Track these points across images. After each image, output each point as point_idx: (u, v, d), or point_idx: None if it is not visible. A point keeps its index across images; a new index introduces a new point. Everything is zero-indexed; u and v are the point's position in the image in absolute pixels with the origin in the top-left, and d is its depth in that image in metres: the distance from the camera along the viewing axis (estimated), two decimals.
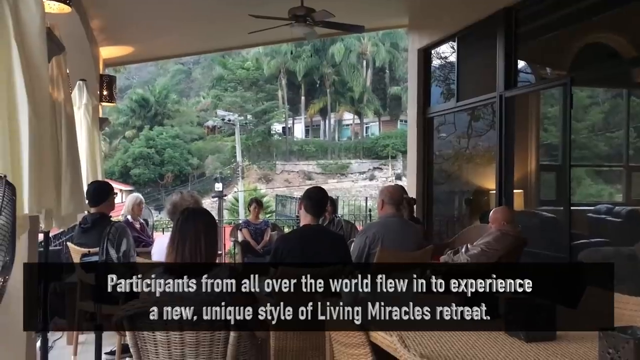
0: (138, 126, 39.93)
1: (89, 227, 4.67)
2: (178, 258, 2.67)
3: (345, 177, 37.39)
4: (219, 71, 42.12)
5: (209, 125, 42.08)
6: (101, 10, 6.01)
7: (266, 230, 7.59)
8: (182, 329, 2.55)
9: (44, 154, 2.51)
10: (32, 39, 2.43)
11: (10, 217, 1.43)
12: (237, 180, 34.12)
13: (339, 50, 38.06)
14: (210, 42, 9.25)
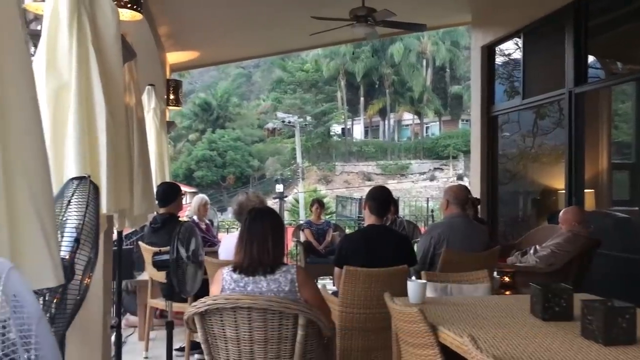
0: (201, 129, 40.91)
1: (159, 226, 4.82)
2: (247, 257, 2.72)
3: (405, 177, 37.03)
4: (278, 74, 42.63)
5: (269, 128, 42.63)
6: (168, 17, 6.20)
7: (328, 230, 7.61)
8: (251, 326, 2.60)
9: (119, 157, 2.61)
10: (108, 46, 2.53)
11: (94, 216, 1.49)
12: (297, 181, 34.40)
13: (398, 50, 37.78)
14: (272, 45, 9.37)
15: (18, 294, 0.69)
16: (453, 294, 3.21)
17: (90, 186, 1.52)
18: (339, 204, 27.19)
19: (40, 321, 0.70)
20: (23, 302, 0.69)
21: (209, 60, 10.39)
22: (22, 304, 0.68)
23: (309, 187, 34.41)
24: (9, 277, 0.69)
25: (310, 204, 8.20)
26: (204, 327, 2.69)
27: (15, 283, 0.71)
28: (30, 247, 1.12)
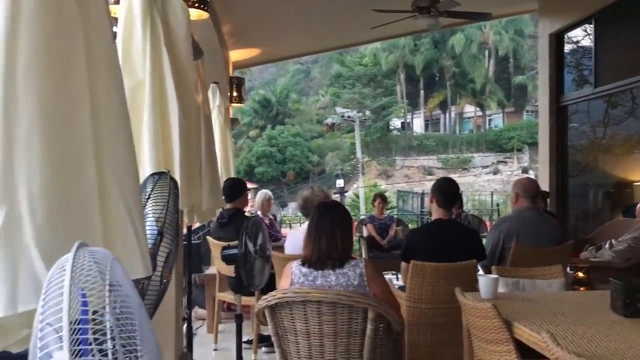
0: (261, 126, 41.44)
1: (226, 221, 4.91)
2: (315, 251, 2.74)
3: (467, 171, 36.30)
4: (337, 69, 42.61)
5: (328, 123, 42.71)
6: (231, 15, 6.30)
7: (391, 225, 7.55)
8: (321, 319, 2.61)
9: (191, 153, 2.68)
10: (179, 45, 2.60)
11: (174, 209, 1.53)
12: (357, 176, 34.34)
13: (459, 41, 37.02)
14: (332, 39, 9.37)
15: (121, 284, 0.72)
16: (526, 289, 3.12)
17: (170, 181, 1.56)
18: (400, 198, 26.98)
19: (141, 310, 0.73)
20: (126, 291, 0.71)
21: (269, 57, 10.51)
22: (127, 293, 0.71)
23: (369, 181, 34.29)
24: (113, 267, 0.72)
25: (373, 199, 8.16)
26: (274, 320, 2.72)
27: (118, 273, 0.73)
28: (121, 239, 1.17)
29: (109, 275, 0.70)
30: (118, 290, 0.70)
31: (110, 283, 0.69)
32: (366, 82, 39.31)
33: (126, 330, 0.68)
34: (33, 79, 1.05)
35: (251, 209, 7.03)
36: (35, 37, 1.06)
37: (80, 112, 1.12)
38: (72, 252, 0.73)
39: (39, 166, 1.04)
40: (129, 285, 0.74)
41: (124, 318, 0.68)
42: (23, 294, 0.99)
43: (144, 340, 0.70)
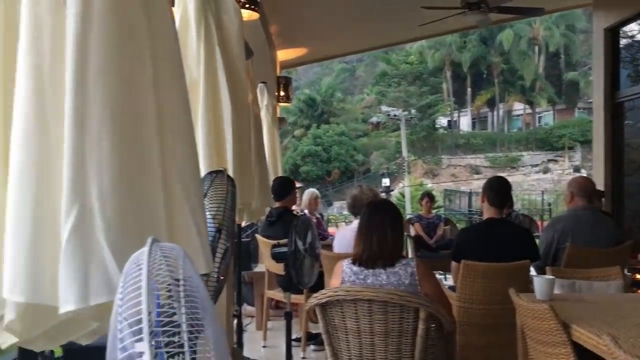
0: (306, 125, 41.58)
1: (274, 220, 4.95)
2: (366, 250, 2.73)
3: (516, 170, 35.52)
4: (382, 67, 42.36)
5: (374, 122, 42.53)
6: (279, 15, 6.36)
7: (439, 224, 7.46)
8: (372, 318, 2.61)
9: (243, 152, 2.72)
10: (232, 45, 2.64)
11: (232, 207, 1.55)
12: (403, 175, 34.08)
13: (507, 37, 36.25)
14: (378, 38, 9.33)
15: (192, 278, 0.74)
16: (582, 290, 3.04)
17: (228, 180, 1.58)
18: (447, 197, 26.64)
19: (210, 304, 0.74)
20: (196, 285, 0.73)
21: (315, 57, 10.55)
22: (197, 288, 0.72)
23: (414, 180, 33.98)
24: (185, 262, 0.73)
25: (420, 198, 8.08)
26: (324, 318, 2.73)
27: (188, 268, 0.75)
28: (184, 235, 1.19)
29: (182, 270, 0.72)
30: (189, 285, 0.71)
31: (183, 277, 0.71)
32: (412, 80, 38.93)
33: (196, 324, 0.69)
34: (103, 81, 1.09)
35: (297, 208, 7.06)
36: (104, 40, 1.09)
37: (146, 112, 1.15)
38: (147, 247, 0.75)
39: (108, 165, 1.07)
40: (199, 280, 0.76)
41: (195, 312, 0.70)
42: (94, 288, 1.02)
43: (213, 334, 0.71)
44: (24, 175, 1.05)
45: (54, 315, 1.04)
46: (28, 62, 1.07)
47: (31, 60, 1.07)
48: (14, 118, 1.07)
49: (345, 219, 20.68)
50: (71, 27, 1.06)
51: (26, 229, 1.04)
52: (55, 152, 1.07)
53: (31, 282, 1.02)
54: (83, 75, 1.06)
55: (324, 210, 8.47)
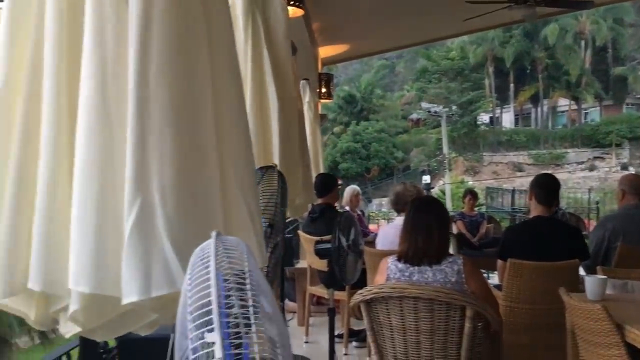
0: (345, 122, 41.53)
1: (317, 216, 4.96)
2: (411, 247, 2.71)
3: (560, 167, 34.68)
4: (422, 63, 41.96)
5: (413, 118, 42.18)
6: (322, 12, 6.36)
7: (482, 222, 7.33)
8: (417, 316, 2.59)
9: (289, 148, 2.73)
10: (279, 42, 2.66)
11: (282, 203, 1.56)
12: (444, 172, 33.69)
13: (552, 32, 35.40)
14: (421, 34, 9.24)
15: (254, 271, 0.74)
16: (635, 291, 2.95)
17: (279, 175, 1.60)
18: (488, 195, 26.22)
19: (274, 299, 0.75)
20: (258, 280, 0.74)
21: (357, 53, 10.51)
22: (259, 281, 0.73)
23: (455, 178, 33.56)
24: (248, 255, 0.74)
25: (463, 195, 7.96)
26: (369, 314, 2.72)
27: (251, 261, 0.76)
28: (240, 229, 1.21)
29: (247, 263, 0.73)
30: (254, 278, 0.72)
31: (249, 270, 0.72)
32: (453, 76, 38.44)
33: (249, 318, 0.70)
34: (163, 78, 1.11)
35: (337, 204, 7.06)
36: (165, 39, 1.12)
37: (204, 108, 1.18)
38: (212, 239, 0.76)
39: (169, 160, 1.10)
40: (260, 274, 0.77)
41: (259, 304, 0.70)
42: (155, 280, 1.05)
43: (279, 328, 0.72)
44: (88, 171, 1.08)
45: (115, 306, 1.07)
46: (92, 61, 1.10)
47: (95, 60, 1.10)
48: (79, 116, 1.10)
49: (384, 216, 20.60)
50: (133, 26, 1.09)
51: (91, 222, 1.07)
52: (118, 148, 1.10)
53: (95, 274, 1.05)
54: (145, 73, 1.09)
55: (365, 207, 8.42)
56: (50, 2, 1.12)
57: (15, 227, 1.11)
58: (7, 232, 1.10)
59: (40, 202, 1.10)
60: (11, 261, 1.10)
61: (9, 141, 1.13)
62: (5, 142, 1.14)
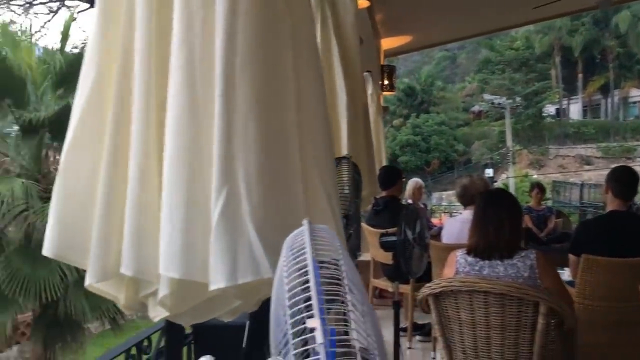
0: (405, 115, 41.13)
1: (381, 209, 4.94)
2: (482, 240, 2.66)
3: (632, 161, 33.06)
4: (485, 54, 41.01)
5: (475, 111, 41.32)
6: (385, 3, 6.30)
7: (550, 217, 7.12)
8: (488, 311, 2.54)
9: (356, 140, 2.73)
10: (347, 33, 2.66)
11: (355, 194, 1.56)
12: (507, 166, 32.85)
13: (624, 19, 33.79)
14: (486, 24, 8.99)
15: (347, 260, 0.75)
16: None
17: (353, 167, 1.60)
18: (554, 189, 25.39)
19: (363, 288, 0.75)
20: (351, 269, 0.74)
21: (419, 45, 10.35)
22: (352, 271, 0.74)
23: (519, 171, 32.65)
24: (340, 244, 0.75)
25: (530, 189, 7.75)
26: (437, 308, 2.69)
27: (341, 249, 0.76)
28: (322, 219, 1.22)
29: (341, 250, 0.73)
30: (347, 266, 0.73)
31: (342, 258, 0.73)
32: (517, 66, 37.34)
33: (354, 303, 0.70)
34: (249, 72, 1.14)
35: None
36: (251, 34, 1.15)
37: (287, 100, 1.19)
38: (306, 227, 0.77)
39: (254, 150, 1.12)
40: (351, 263, 0.77)
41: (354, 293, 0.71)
42: (241, 268, 1.07)
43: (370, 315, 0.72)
44: (177, 162, 1.12)
45: (202, 292, 1.11)
46: (180, 55, 1.13)
47: (183, 54, 1.13)
48: (168, 109, 1.14)
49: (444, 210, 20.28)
50: (220, 21, 1.11)
51: (180, 211, 1.11)
52: (205, 140, 1.13)
53: (185, 261, 1.09)
54: (231, 67, 1.11)
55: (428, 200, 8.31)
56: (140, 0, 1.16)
57: (108, 215, 1.16)
58: (100, 221, 1.16)
59: (131, 192, 1.14)
60: (105, 248, 1.15)
61: (102, 134, 1.19)
62: (98, 135, 1.20)
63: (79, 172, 1.20)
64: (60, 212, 1.18)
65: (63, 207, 1.18)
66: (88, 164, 1.20)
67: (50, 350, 8.36)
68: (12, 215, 8.27)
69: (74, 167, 1.20)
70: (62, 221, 1.18)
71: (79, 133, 1.20)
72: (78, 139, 1.20)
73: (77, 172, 1.20)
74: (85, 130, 1.20)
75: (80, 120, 1.20)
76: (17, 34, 9.52)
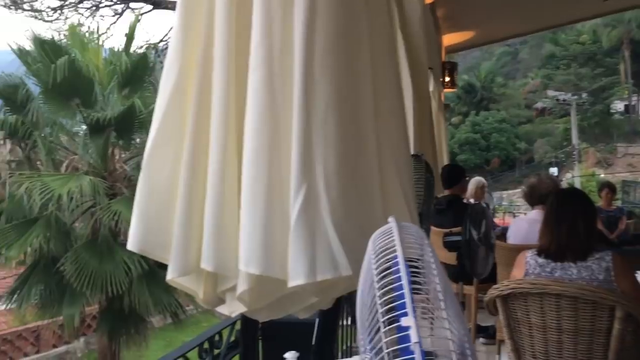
0: (464, 112, 40.42)
1: (444, 208, 4.86)
2: (554, 241, 2.57)
3: None
4: (549, 49, 39.74)
5: (538, 107, 40.13)
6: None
7: (621, 218, 6.83)
8: (560, 314, 2.45)
9: (423, 137, 2.70)
10: (413, 30, 2.62)
11: (428, 192, 1.54)
12: (572, 164, 31.73)
13: None
14: (552, 17, 8.69)
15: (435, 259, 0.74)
16: None
17: (426, 165, 1.58)
18: (623, 189, 24.34)
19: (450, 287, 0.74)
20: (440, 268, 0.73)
21: (481, 40, 10.12)
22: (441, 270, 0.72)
23: (585, 170, 31.48)
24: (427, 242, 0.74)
25: (599, 189, 7.46)
26: (506, 310, 2.62)
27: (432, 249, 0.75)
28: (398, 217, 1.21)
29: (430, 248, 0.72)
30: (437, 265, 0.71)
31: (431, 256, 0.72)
32: (583, 61, 36.01)
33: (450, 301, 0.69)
34: (327, 69, 1.14)
35: None
36: (329, 30, 1.15)
37: (365, 98, 1.19)
38: (394, 224, 0.76)
39: (333, 148, 1.13)
40: (438, 261, 0.76)
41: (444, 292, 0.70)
42: (320, 265, 1.07)
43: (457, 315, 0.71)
44: (257, 159, 1.13)
45: (280, 288, 1.12)
46: (260, 53, 1.15)
47: (263, 52, 1.15)
48: (247, 106, 1.16)
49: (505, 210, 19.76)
50: (299, 19, 1.12)
51: (260, 207, 1.12)
52: (284, 137, 1.14)
53: (264, 257, 1.10)
54: (309, 65, 1.12)
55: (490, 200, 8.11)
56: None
57: (189, 211, 1.19)
58: (181, 217, 1.18)
59: (212, 188, 1.16)
60: (185, 243, 1.18)
61: (183, 131, 1.21)
62: (179, 133, 1.22)
63: (161, 168, 1.23)
64: (143, 208, 1.22)
65: (146, 203, 1.22)
66: (170, 160, 1.23)
67: (115, 342, 8.66)
68: (80, 211, 8.63)
69: (156, 164, 1.23)
70: (145, 217, 1.21)
71: (161, 131, 1.23)
72: (160, 136, 1.23)
73: (160, 169, 1.23)
74: (166, 128, 1.23)
75: (162, 118, 1.23)
76: (85, 36, 9.89)
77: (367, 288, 0.69)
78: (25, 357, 13.92)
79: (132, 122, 8.69)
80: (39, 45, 8.65)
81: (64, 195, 7.55)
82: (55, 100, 8.56)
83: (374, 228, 0.83)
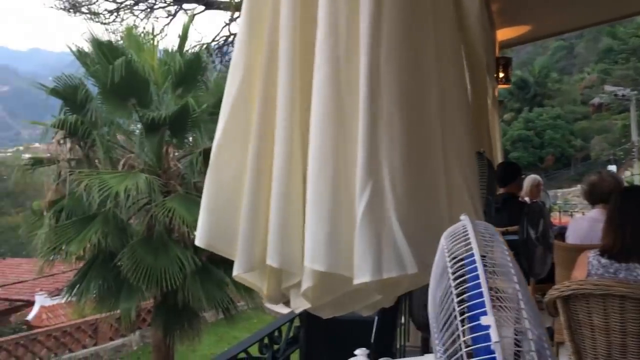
0: (516, 108, 39.45)
1: (499, 207, 4.76)
2: (618, 241, 2.49)
3: None
4: (606, 42, 38.37)
5: (595, 103, 38.77)
6: None
7: None
8: (624, 317, 2.37)
9: (483, 134, 2.65)
10: (471, 24, 2.57)
11: (489, 190, 1.51)
12: (632, 162, 30.54)
13: None
14: (611, 10, 8.38)
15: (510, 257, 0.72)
16: None
17: (487, 163, 1.55)
18: None
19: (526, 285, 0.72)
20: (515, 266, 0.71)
21: (536, 35, 9.83)
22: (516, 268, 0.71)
23: None
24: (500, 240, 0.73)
25: None
26: (567, 312, 2.55)
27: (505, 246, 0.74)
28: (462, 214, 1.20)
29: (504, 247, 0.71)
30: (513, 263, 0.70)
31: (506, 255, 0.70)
32: None
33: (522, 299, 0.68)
34: (393, 68, 1.14)
35: None
36: (395, 30, 1.15)
37: (430, 96, 1.18)
38: (468, 222, 0.75)
39: (398, 146, 1.12)
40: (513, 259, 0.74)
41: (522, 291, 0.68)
42: (386, 263, 1.07)
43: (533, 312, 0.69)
44: (322, 156, 1.14)
45: (344, 285, 1.12)
46: (325, 51, 1.15)
47: (328, 50, 1.15)
48: (312, 104, 1.16)
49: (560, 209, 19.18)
50: (365, 18, 1.12)
51: (326, 205, 1.13)
52: (350, 135, 1.14)
53: (330, 254, 1.11)
54: (375, 63, 1.12)
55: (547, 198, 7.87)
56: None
57: (255, 208, 1.20)
58: (247, 214, 1.20)
59: (277, 186, 1.18)
60: (251, 240, 1.19)
61: (249, 130, 1.23)
62: (245, 131, 1.24)
63: (227, 166, 1.25)
64: (210, 205, 1.24)
65: (213, 200, 1.24)
66: (236, 158, 1.25)
67: (169, 336, 8.87)
68: (136, 208, 8.87)
69: (223, 162, 1.25)
70: (212, 213, 1.24)
71: (228, 129, 1.25)
72: (227, 135, 1.25)
73: (226, 167, 1.25)
74: (233, 126, 1.26)
75: (229, 117, 1.25)
76: (140, 38, 10.14)
77: (441, 286, 0.69)
78: (83, 349, 14.45)
79: (186, 121, 8.86)
80: (96, 47, 8.91)
81: (121, 192, 7.77)
82: (113, 100, 8.82)
83: (438, 226, 0.83)
